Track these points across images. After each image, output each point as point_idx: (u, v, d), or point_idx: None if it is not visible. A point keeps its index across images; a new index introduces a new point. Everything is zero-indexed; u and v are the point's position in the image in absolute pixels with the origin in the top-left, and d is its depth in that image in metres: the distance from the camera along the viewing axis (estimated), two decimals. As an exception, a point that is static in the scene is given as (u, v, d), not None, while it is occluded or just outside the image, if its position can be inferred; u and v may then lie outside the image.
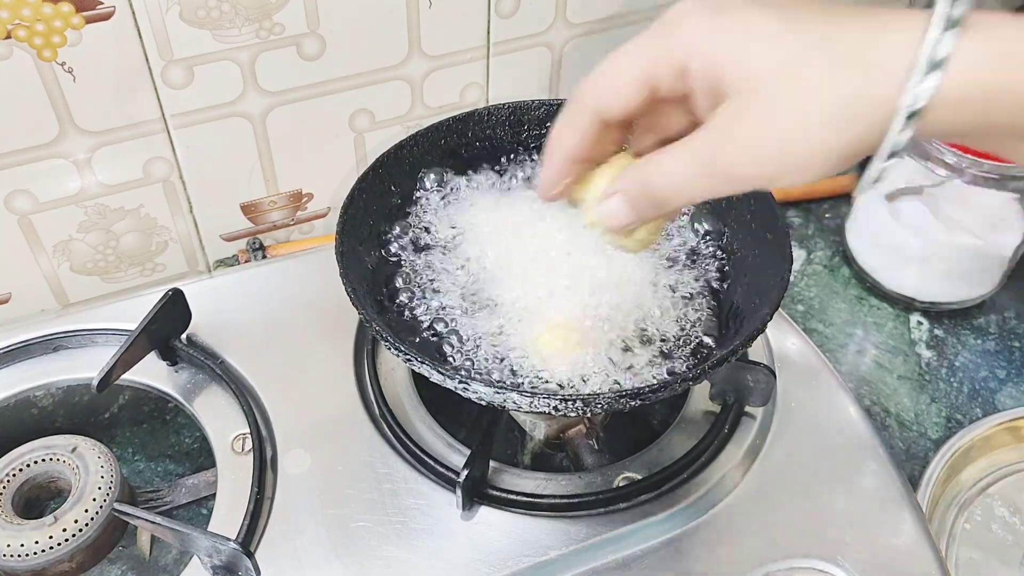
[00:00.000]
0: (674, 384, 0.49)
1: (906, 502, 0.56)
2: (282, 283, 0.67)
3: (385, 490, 0.54)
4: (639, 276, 0.57)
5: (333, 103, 0.71)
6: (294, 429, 0.57)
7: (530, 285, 0.56)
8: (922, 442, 0.69)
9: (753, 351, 0.61)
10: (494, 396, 0.48)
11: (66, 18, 0.59)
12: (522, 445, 0.63)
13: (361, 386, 0.60)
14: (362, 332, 0.63)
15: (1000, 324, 0.78)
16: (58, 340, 0.62)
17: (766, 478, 0.56)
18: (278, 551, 0.52)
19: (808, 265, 0.83)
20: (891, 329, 0.77)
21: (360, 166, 0.76)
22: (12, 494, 0.56)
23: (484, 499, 0.54)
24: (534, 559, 0.52)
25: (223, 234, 0.76)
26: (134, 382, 0.61)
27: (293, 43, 0.66)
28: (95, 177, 0.67)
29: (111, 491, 0.56)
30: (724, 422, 0.58)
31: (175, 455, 0.67)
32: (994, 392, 0.73)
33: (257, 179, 0.74)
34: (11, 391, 0.61)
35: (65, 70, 0.61)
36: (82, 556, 0.55)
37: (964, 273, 0.76)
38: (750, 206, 0.59)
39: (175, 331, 0.61)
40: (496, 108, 0.65)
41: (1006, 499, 0.67)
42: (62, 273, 0.72)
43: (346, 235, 0.56)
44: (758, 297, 0.55)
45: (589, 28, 0.77)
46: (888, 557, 0.53)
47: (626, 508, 0.54)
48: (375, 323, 0.51)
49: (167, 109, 0.66)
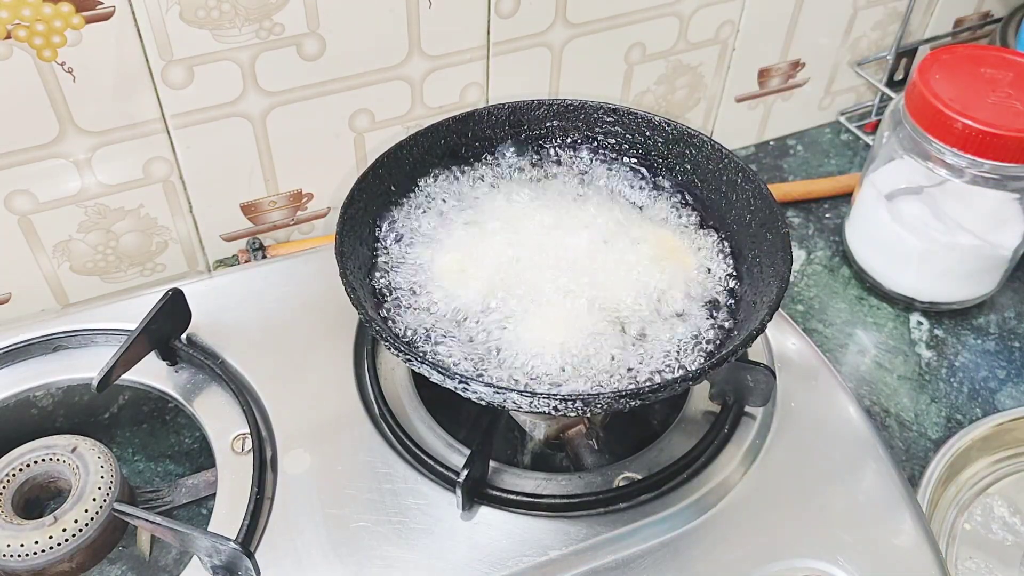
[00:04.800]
0: (674, 384, 0.49)
1: (906, 502, 0.56)
2: (282, 283, 0.67)
3: (385, 490, 0.54)
4: (637, 273, 0.57)
5: (333, 103, 0.71)
6: (294, 429, 0.57)
7: (529, 281, 0.56)
8: (922, 442, 0.69)
9: (753, 351, 0.61)
10: (494, 396, 0.48)
11: (66, 18, 0.59)
12: (522, 445, 0.63)
13: (361, 386, 0.60)
14: (362, 332, 0.63)
15: (1000, 324, 0.78)
16: (58, 340, 0.62)
17: (766, 478, 0.56)
18: (278, 551, 0.52)
19: (808, 265, 0.83)
20: (891, 329, 0.77)
21: (360, 166, 0.76)
22: (12, 494, 0.56)
23: (484, 499, 0.54)
24: (534, 559, 0.52)
25: (223, 234, 0.76)
26: (134, 382, 0.61)
27: (293, 43, 0.66)
28: (95, 177, 0.67)
29: (111, 491, 0.56)
30: (724, 422, 0.58)
31: (175, 455, 0.67)
32: (994, 392, 0.73)
33: (257, 179, 0.74)
34: (11, 391, 0.61)
35: (65, 70, 0.61)
36: (82, 556, 0.55)
37: (964, 273, 0.76)
38: (750, 206, 0.60)
39: (175, 331, 0.61)
40: (496, 108, 0.65)
41: (1006, 499, 0.67)
42: (62, 273, 0.72)
43: (346, 235, 0.56)
44: (758, 297, 0.55)
45: (589, 28, 0.77)
46: (888, 557, 0.53)
47: (626, 508, 0.54)
48: (375, 323, 0.51)
49: (167, 109, 0.66)
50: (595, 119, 0.66)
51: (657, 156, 0.65)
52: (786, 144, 0.97)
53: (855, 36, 0.92)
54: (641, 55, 0.81)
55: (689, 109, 0.89)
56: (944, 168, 0.71)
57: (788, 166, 0.94)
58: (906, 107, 0.72)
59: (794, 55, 0.90)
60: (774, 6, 0.85)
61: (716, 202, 0.62)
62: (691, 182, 0.64)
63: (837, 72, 0.95)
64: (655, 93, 0.85)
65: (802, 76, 0.93)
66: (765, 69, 0.90)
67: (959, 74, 0.71)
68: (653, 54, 0.82)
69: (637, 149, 0.66)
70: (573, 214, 0.61)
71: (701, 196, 0.63)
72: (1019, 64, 0.72)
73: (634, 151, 0.66)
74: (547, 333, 0.54)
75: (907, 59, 0.95)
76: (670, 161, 0.65)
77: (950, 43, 0.97)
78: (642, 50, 0.81)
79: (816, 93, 0.96)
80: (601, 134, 0.66)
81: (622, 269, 0.57)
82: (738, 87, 0.90)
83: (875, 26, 0.92)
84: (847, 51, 0.93)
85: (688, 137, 0.63)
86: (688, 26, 0.81)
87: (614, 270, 0.57)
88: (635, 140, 0.65)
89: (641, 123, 0.65)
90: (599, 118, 0.66)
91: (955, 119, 0.68)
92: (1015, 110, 0.68)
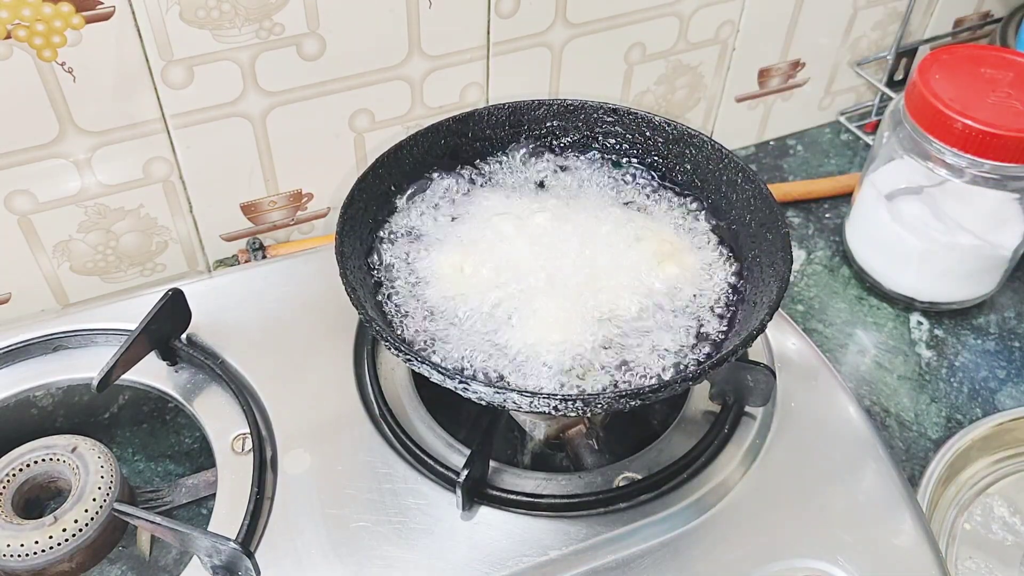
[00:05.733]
0: (674, 384, 0.49)
1: (906, 502, 0.56)
2: (282, 283, 0.67)
3: (385, 490, 0.54)
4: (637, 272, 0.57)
5: (333, 103, 0.71)
6: (294, 429, 0.57)
7: (529, 281, 0.56)
8: (922, 442, 0.69)
9: (753, 351, 0.61)
10: (494, 396, 0.48)
11: (66, 18, 0.59)
12: (522, 445, 0.63)
13: (361, 386, 0.60)
14: (362, 332, 0.63)
15: (1000, 324, 0.78)
16: (58, 340, 0.62)
17: (766, 478, 0.56)
18: (278, 551, 0.52)
19: (808, 265, 0.83)
20: (891, 329, 0.77)
21: (360, 166, 0.76)
22: (12, 494, 0.56)
23: (484, 499, 0.54)
24: (534, 559, 0.52)
25: (223, 234, 0.76)
26: (134, 382, 0.61)
27: (293, 43, 0.66)
28: (95, 177, 0.67)
29: (111, 491, 0.56)
30: (724, 422, 0.58)
31: (175, 455, 0.67)
32: (994, 392, 0.73)
33: (257, 179, 0.74)
34: (11, 391, 0.61)
35: (65, 70, 0.61)
36: (82, 556, 0.55)
37: (964, 273, 0.76)
38: (750, 206, 0.60)
39: (175, 331, 0.61)
40: (496, 108, 0.65)
41: (1006, 499, 0.67)
42: (62, 273, 0.72)
43: (346, 235, 0.56)
44: (758, 297, 0.55)
45: (589, 28, 0.77)
46: (888, 557, 0.53)
47: (626, 508, 0.54)
48: (375, 323, 0.51)
49: (167, 109, 0.66)
50: (595, 119, 0.66)
51: (657, 156, 0.65)
52: (786, 144, 0.97)
53: (855, 36, 0.92)
54: (641, 55, 0.81)
55: (689, 109, 0.89)
56: (944, 168, 0.71)
57: (788, 166, 0.94)
58: (906, 107, 0.72)
59: (794, 55, 0.90)
60: (774, 6, 0.85)
61: (716, 202, 0.62)
62: (691, 182, 0.64)
63: (837, 72, 0.95)
64: (655, 93, 0.85)
65: (802, 76, 0.93)
66: (765, 69, 0.90)
67: (959, 74, 0.71)
68: (653, 54, 0.82)
69: (637, 149, 0.66)
70: (573, 214, 0.61)
71: (701, 196, 0.63)
72: (1019, 64, 0.72)
73: (634, 151, 0.66)
74: (547, 332, 0.54)
75: (907, 59, 0.95)
76: (670, 161, 0.65)
77: (950, 43, 0.97)
78: (642, 50, 0.81)
79: (816, 93, 0.96)
80: (601, 134, 0.66)
81: (622, 269, 0.57)
82: (738, 87, 0.90)
83: (875, 26, 0.92)
84: (847, 51, 0.93)
85: (688, 137, 0.63)
86: (688, 26, 0.81)
87: (614, 270, 0.57)
88: (635, 140, 0.65)
89: (641, 123, 0.65)
90: (599, 118, 0.66)
91: (955, 119, 0.68)
92: (1015, 110, 0.68)
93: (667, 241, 0.60)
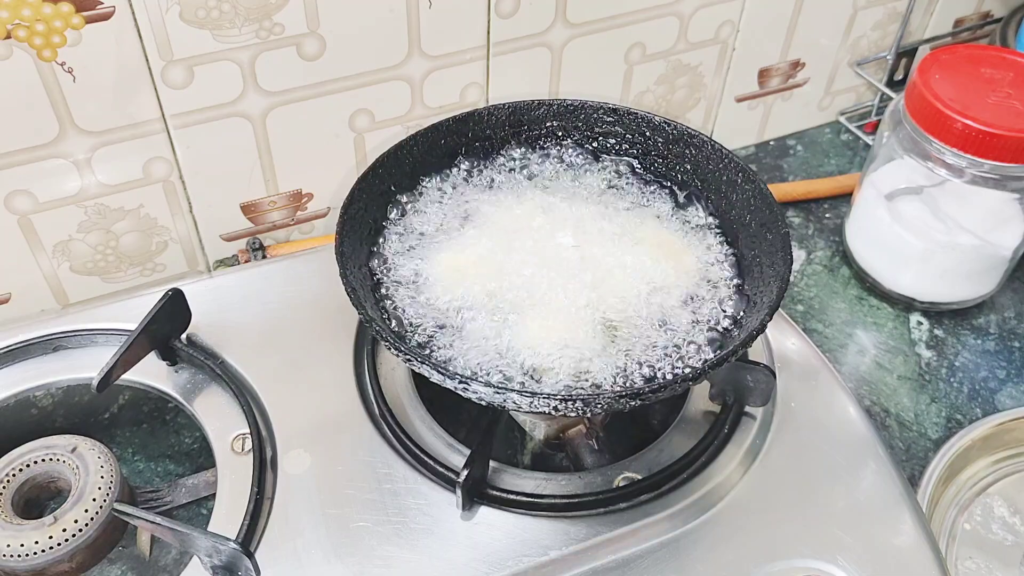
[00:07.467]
0: (674, 384, 0.49)
1: (906, 502, 0.56)
2: (282, 283, 0.67)
3: (385, 490, 0.54)
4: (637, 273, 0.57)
5: (333, 103, 0.71)
6: (294, 429, 0.57)
7: (529, 281, 0.56)
8: (922, 442, 0.69)
9: (753, 351, 0.61)
10: (494, 396, 0.48)
11: (66, 18, 0.59)
12: (522, 445, 0.63)
13: (361, 386, 0.60)
14: (362, 332, 0.63)
15: (1000, 324, 0.78)
16: (58, 340, 0.62)
17: (766, 478, 0.56)
18: (278, 551, 0.52)
19: (808, 265, 0.83)
20: (891, 329, 0.77)
21: (360, 166, 0.76)
22: (12, 494, 0.56)
23: (484, 499, 0.54)
24: (534, 559, 0.52)
25: (223, 234, 0.76)
26: (134, 382, 0.61)
27: (293, 43, 0.66)
28: (95, 177, 0.67)
29: (111, 491, 0.56)
30: (724, 422, 0.58)
31: (175, 455, 0.67)
32: (994, 392, 0.73)
33: (257, 179, 0.74)
34: (11, 391, 0.61)
35: (65, 70, 0.61)
36: (82, 556, 0.55)
37: (964, 273, 0.76)
38: (750, 206, 0.60)
39: (175, 331, 0.61)
40: (496, 108, 0.65)
41: (1006, 499, 0.67)
42: (62, 273, 0.72)
43: (346, 235, 0.56)
44: (758, 297, 0.55)
45: (589, 28, 0.77)
46: (888, 557, 0.53)
47: (626, 508, 0.54)
48: (375, 323, 0.51)
49: (167, 109, 0.66)
50: (595, 119, 0.66)
51: (657, 156, 0.65)
52: (786, 144, 0.97)
53: (855, 36, 0.92)
54: (641, 55, 0.81)
55: (689, 109, 0.89)
56: (944, 168, 0.71)
57: (788, 166, 0.94)
58: (906, 107, 0.72)
59: (794, 55, 0.90)
60: (774, 6, 0.85)
61: (716, 202, 0.63)
62: (691, 182, 0.64)
63: (837, 72, 0.95)
64: (655, 93, 0.85)
65: (802, 76, 0.93)
66: (765, 69, 0.90)
67: (959, 74, 0.71)
68: (653, 54, 0.82)
69: (637, 149, 0.66)
70: (573, 214, 0.61)
71: (701, 196, 0.63)
72: (1019, 64, 0.72)
73: (634, 151, 0.66)
74: (547, 333, 0.54)
75: (907, 59, 0.95)
76: (670, 161, 0.65)
77: (950, 43, 0.97)
78: (642, 50, 0.81)
79: (816, 93, 0.96)
80: (601, 134, 0.66)
81: (622, 269, 0.57)
82: (738, 87, 0.90)
83: (875, 26, 0.92)
84: (847, 51, 0.93)
85: (688, 137, 0.63)
86: (688, 26, 0.81)
87: (613, 270, 0.57)
88: (635, 140, 0.65)
89: (641, 123, 0.65)
90: (599, 118, 0.66)
91: (955, 119, 0.68)
92: (1015, 110, 0.68)
93: (667, 241, 0.60)
